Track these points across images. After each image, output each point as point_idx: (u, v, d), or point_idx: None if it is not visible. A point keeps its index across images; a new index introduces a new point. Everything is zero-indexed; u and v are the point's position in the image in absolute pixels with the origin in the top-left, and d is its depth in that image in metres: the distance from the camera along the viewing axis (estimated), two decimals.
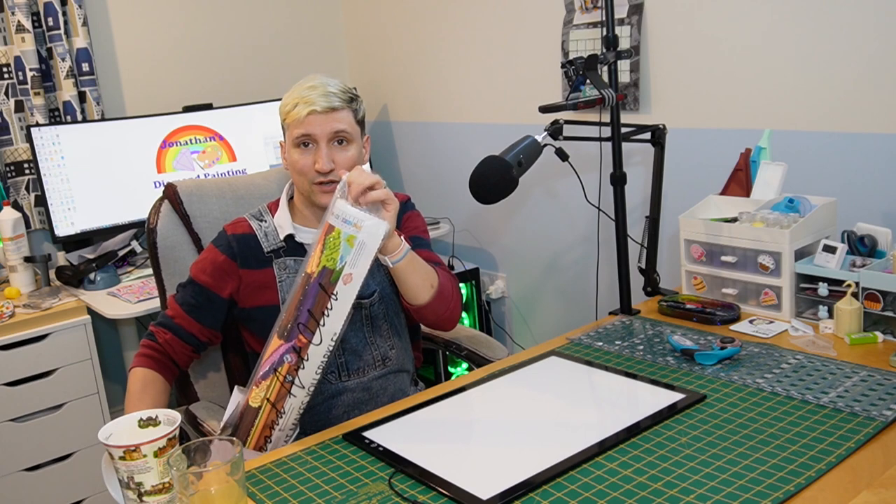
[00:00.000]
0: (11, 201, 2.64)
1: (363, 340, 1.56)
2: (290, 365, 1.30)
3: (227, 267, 1.54)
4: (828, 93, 1.88)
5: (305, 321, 1.29)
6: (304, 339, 1.29)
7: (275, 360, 1.31)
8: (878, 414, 1.19)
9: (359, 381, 1.55)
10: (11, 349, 2.22)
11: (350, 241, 1.28)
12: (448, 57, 2.96)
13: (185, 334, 1.54)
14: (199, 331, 1.55)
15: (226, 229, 1.59)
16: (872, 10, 1.77)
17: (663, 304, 1.71)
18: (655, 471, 1.09)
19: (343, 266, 1.27)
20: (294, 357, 1.30)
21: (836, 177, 1.89)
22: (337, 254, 1.28)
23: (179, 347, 1.54)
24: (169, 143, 2.75)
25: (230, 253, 1.54)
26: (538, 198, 2.73)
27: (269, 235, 1.56)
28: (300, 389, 1.32)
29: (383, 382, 1.58)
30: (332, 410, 1.54)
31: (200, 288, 1.55)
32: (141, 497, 1.09)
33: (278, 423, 1.33)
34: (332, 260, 1.28)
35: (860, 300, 1.48)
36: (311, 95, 1.49)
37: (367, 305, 1.56)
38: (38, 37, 2.62)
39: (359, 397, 1.55)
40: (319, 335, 1.29)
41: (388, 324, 1.59)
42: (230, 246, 1.55)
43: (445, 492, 1.08)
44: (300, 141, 1.50)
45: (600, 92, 1.65)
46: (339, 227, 1.28)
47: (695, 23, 2.12)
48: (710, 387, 1.34)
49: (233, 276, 1.55)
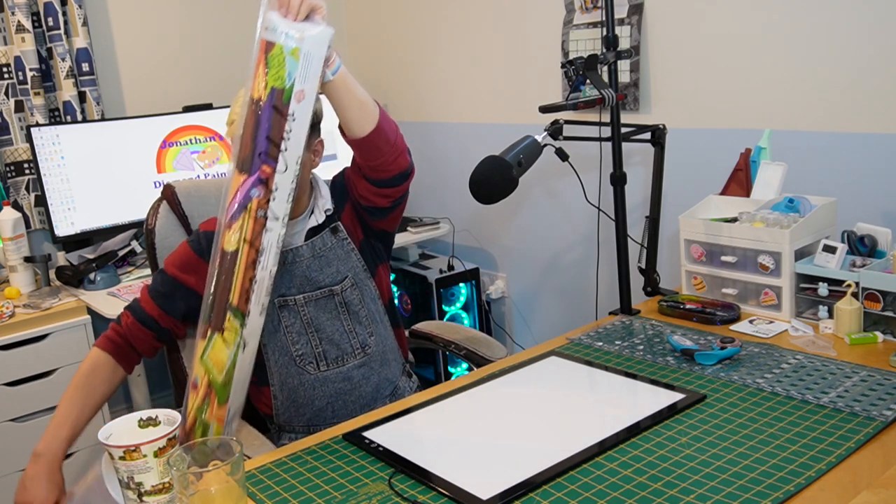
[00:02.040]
0: (11, 201, 2.64)
1: (340, 328, 1.56)
2: (260, 199, 1.22)
3: (194, 262, 1.55)
4: (828, 93, 1.88)
5: (266, 149, 1.21)
6: (269, 169, 1.21)
7: (241, 197, 1.22)
8: (878, 414, 1.19)
9: (338, 370, 1.55)
10: (11, 349, 2.22)
11: (295, 55, 1.18)
12: (448, 57, 2.96)
13: (146, 318, 1.54)
14: (160, 316, 1.54)
15: (200, 227, 1.60)
16: (872, 11, 1.77)
17: (663, 304, 1.71)
18: (655, 471, 1.09)
19: (293, 83, 1.18)
20: (262, 189, 1.22)
21: (836, 177, 1.89)
22: (283, 71, 1.18)
23: (139, 332, 1.54)
24: (169, 143, 2.75)
25: (198, 249, 1.55)
26: (538, 198, 2.73)
27: None
28: (275, 221, 1.25)
29: (365, 372, 1.58)
30: (314, 402, 1.55)
31: (168, 277, 1.56)
32: (141, 497, 1.09)
33: (259, 261, 1.26)
34: (280, 78, 1.18)
35: (860, 300, 1.48)
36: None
37: (339, 292, 1.56)
38: (38, 37, 2.62)
39: (340, 387, 1.55)
40: (284, 161, 1.21)
41: (366, 310, 1.59)
42: (199, 242, 1.56)
43: (445, 492, 1.08)
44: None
45: (600, 92, 1.65)
46: (280, 42, 1.17)
47: (695, 23, 2.12)
48: (710, 387, 1.34)
49: (199, 271, 1.53)
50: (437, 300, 2.83)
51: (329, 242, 1.57)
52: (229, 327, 1.27)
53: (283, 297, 1.54)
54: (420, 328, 1.94)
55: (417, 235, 2.86)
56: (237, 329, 1.27)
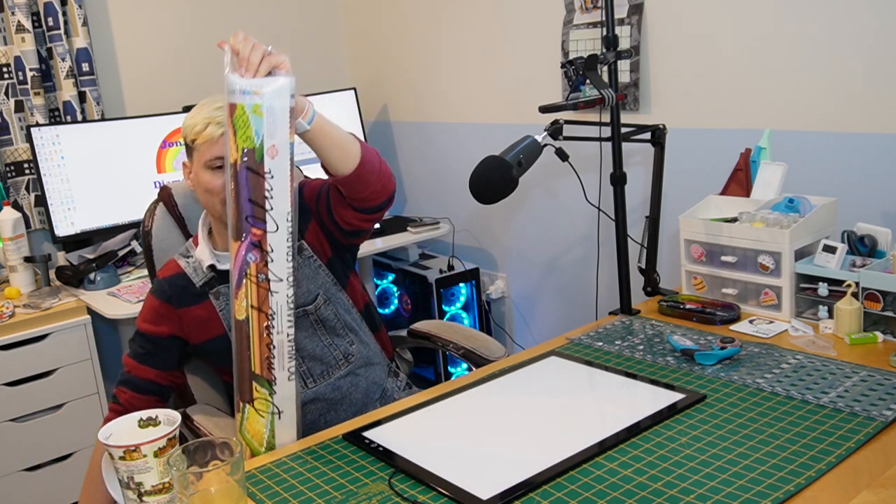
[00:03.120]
0: (11, 201, 2.64)
1: (320, 344, 1.55)
2: (258, 263, 1.23)
3: (164, 311, 1.53)
4: (828, 93, 1.88)
5: (251, 212, 1.21)
6: (259, 231, 1.22)
7: (240, 263, 1.23)
8: (878, 414, 1.19)
9: (326, 383, 1.55)
10: (11, 349, 2.22)
11: (257, 111, 1.17)
12: (448, 57, 2.96)
13: (142, 384, 1.51)
14: (157, 375, 1.52)
15: (158, 275, 1.59)
16: (872, 11, 1.77)
17: (663, 304, 1.71)
18: (655, 471, 1.09)
19: (262, 140, 1.18)
20: (257, 253, 1.22)
21: (836, 177, 1.89)
22: (250, 130, 1.18)
23: (141, 403, 1.50)
24: (169, 143, 2.75)
25: (164, 297, 1.53)
26: (538, 198, 2.73)
27: (197, 270, 1.54)
28: (279, 283, 1.25)
29: (353, 379, 1.58)
30: (307, 416, 1.54)
31: (145, 336, 1.53)
32: (141, 497, 1.09)
33: (273, 325, 1.27)
34: (248, 138, 1.18)
35: (860, 300, 1.48)
36: (222, 115, 1.41)
37: (312, 311, 1.55)
38: (38, 37, 2.62)
39: (331, 398, 1.56)
40: (273, 220, 1.21)
41: (341, 322, 1.58)
42: (164, 290, 1.54)
43: (445, 492, 1.08)
44: (213, 164, 1.43)
45: (600, 92, 1.65)
46: (240, 102, 1.17)
47: (695, 23, 2.12)
48: (710, 387, 1.34)
49: (171, 318, 1.53)
50: (436, 300, 2.83)
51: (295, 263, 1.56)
52: (259, 397, 1.29)
53: None
54: (419, 328, 1.94)
55: (417, 235, 2.86)
56: (266, 397, 1.29)
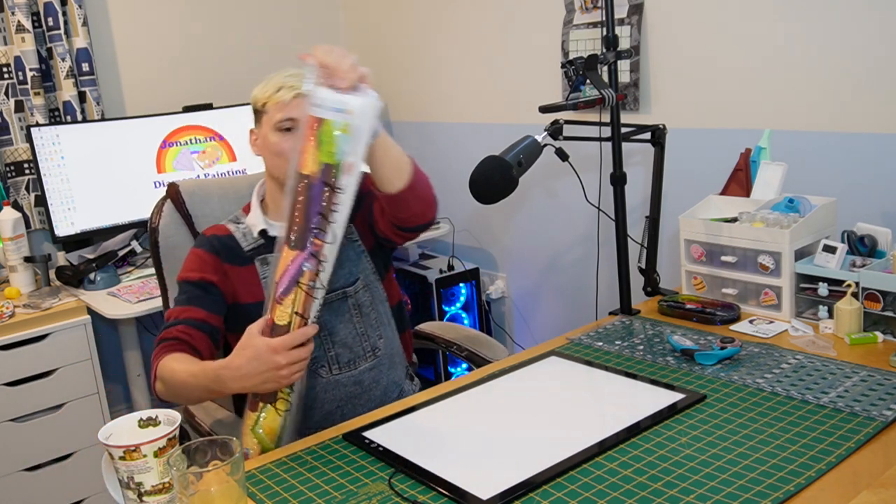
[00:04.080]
0: (11, 201, 2.64)
1: (353, 331, 1.56)
2: (311, 271, 1.25)
3: (211, 261, 1.54)
4: (828, 93, 1.88)
5: (318, 224, 1.24)
6: (320, 242, 1.24)
7: (293, 271, 1.25)
8: (878, 414, 1.19)
9: (350, 374, 1.55)
10: (11, 349, 2.22)
11: (346, 130, 1.20)
12: (448, 57, 2.96)
13: (195, 322, 1.47)
14: (207, 316, 1.49)
15: (204, 233, 1.60)
16: (872, 11, 1.77)
17: (663, 304, 1.71)
18: (655, 471, 1.09)
19: (344, 158, 1.21)
20: (313, 262, 1.25)
21: (836, 177, 1.89)
22: (333, 146, 1.20)
23: (197, 333, 1.46)
24: (169, 143, 2.75)
25: (212, 250, 1.54)
26: (538, 198, 2.73)
27: (247, 235, 1.57)
28: (321, 290, 1.28)
29: (375, 375, 1.57)
30: (324, 406, 1.54)
31: (191, 282, 1.52)
32: (141, 497, 1.09)
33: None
34: (331, 154, 1.20)
35: (860, 300, 1.48)
36: (294, 81, 1.49)
37: (352, 294, 1.56)
38: (38, 37, 2.62)
39: (351, 391, 1.55)
40: (332, 233, 1.25)
41: (375, 312, 1.59)
42: (212, 245, 1.55)
43: (445, 492, 1.08)
44: (284, 125, 1.49)
45: (600, 92, 1.65)
46: (330, 118, 1.19)
47: (695, 23, 2.12)
48: (710, 387, 1.34)
49: (218, 270, 1.54)
50: (437, 300, 2.83)
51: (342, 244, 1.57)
52: (282, 397, 1.30)
53: None
54: (420, 328, 1.94)
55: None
56: (287, 396, 1.31)
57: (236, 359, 1.26)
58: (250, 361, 1.24)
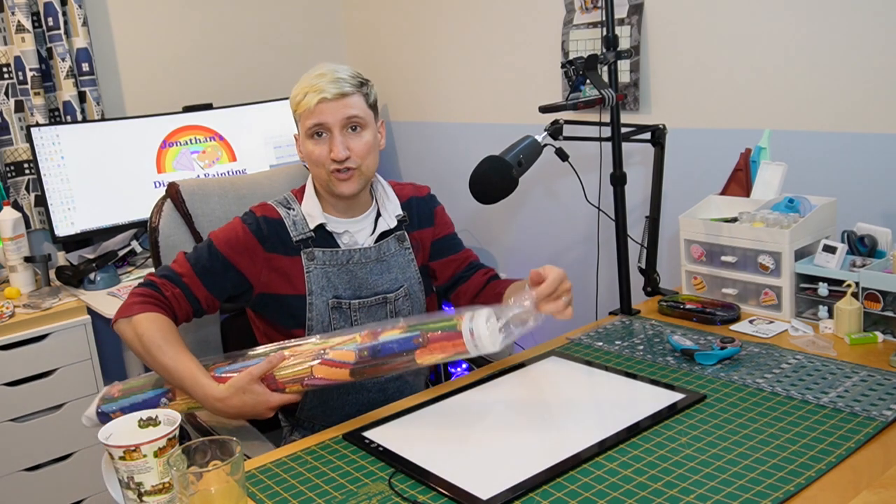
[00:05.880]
0: (11, 201, 2.64)
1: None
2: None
3: (252, 246, 1.49)
4: (828, 93, 1.88)
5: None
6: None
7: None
8: (878, 414, 1.19)
9: (375, 381, 1.54)
10: (11, 349, 2.22)
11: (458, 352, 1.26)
12: (448, 57, 2.96)
13: (190, 295, 1.46)
14: (204, 296, 1.47)
15: (254, 210, 1.54)
16: (872, 11, 1.77)
17: (663, 304, 1.71)
18: (655, 471, 1.09)
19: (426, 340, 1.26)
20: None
21: (836, 177, 1.89)
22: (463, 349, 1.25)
23: (184, 304, 1.46)
24: (169, 143, 2.75)
25: (259, 234, 1.50)
26: (538, 198, 2.73)
27: (298, 224, 1.51)
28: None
29: (400, 384, 1.57)
30: (344, 407, 1.54)
31: (219, 255, 1.48)
32: (141, 497, 1.09)
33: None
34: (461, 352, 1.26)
35: (860, 300, 1.48)
36: (320, 83, 1.46)
37: (392, 300, 1.55)
38: (38, 37, 2.62)
39: (374, 398, 1.55)
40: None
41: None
42: (260, 227, 1.50)
43: (445, 492, 1.08)
44: (313, 131, 1.47)
45: (600, 92, 1.65)
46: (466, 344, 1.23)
47: (695, 23, 2.12)
48: (710, 387, 1.34)
49: (255, 257, 1.49)
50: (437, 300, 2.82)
51: (393, 248, 1.56)
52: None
53: (338, 299, 1.51)
54: None
55: None
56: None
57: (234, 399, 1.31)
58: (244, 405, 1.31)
